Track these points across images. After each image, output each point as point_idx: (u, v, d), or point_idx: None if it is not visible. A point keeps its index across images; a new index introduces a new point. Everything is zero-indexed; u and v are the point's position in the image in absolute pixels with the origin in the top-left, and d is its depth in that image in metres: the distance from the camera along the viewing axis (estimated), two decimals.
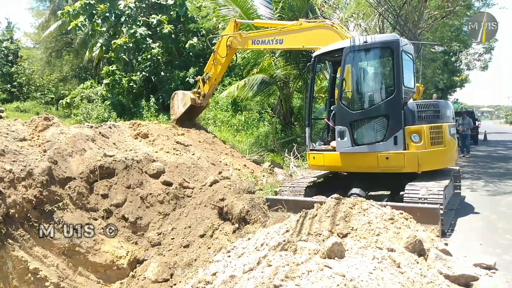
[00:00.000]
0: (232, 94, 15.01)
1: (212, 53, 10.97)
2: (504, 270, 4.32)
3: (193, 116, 12.22)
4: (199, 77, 11.82)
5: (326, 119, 7.94)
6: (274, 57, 15.42)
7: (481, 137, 23.91)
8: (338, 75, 7.84)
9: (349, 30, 10.39)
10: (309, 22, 9.14)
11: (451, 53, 31.43)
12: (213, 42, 12.44)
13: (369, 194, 7.42)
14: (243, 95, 15.30)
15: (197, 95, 11.41)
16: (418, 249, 3.99)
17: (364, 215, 4.45)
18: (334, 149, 7.08)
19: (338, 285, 2.80)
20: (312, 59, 7.66)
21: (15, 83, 32.02)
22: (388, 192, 7.65)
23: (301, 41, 8.86)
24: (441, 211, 5.28)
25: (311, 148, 7.57)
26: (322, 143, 7.77)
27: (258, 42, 9.84)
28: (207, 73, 11.21)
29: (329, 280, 2.86)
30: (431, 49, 21.06)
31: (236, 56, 12.09)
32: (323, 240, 3.97)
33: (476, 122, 22.77)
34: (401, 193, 6.52)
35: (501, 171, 11.78)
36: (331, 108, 7.76)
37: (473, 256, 4.56)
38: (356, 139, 6.76)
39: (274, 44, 9.64)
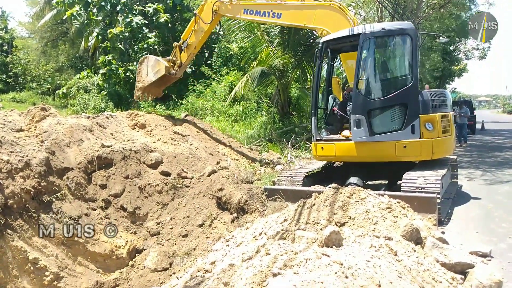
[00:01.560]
0: (239, 93, 14.86)
1: (193, 17, 9.81)
2: (500, 258, 4.38)
3: (161, 86, 11.14)
4: (175, 43, 10.52)
5: (334, 108, 7.75)
6: (271, 47, 15.32)
7: (478, 126, 23.98)
8: (336, 64, 7.77)
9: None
10: None
11: (450, 42, 31.31)
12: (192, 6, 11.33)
13: (366, 183, 7.45)
14: (247, 90, 15.23)
15: (172, 64, 10.26)
16: (415, 238, 4.03)
17: (361, 204, 4.48)
18: (347, 139, 6.93)
19: (336, 273, 2.83)
20: (320, 44, 7.31)
21: (11, 73, 31.72)
22: (386, 182, 7.70)
23: (303, 18, 8.18)
24: (438, 200, 5.32)
25: (318, 138, 7.32)
26: (328, 133, 7.55)
27: (252, 12, 8.86)
28: (185, 41, 10.07)
29: (327, 268, 2.88)
30: (436, 40, 20.98)
31: (220, 24, 10.84)
32: (321, 229, 3.99)
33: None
34: (399, 182, 6.56)
35: (498, 160, 11.85)
36: (330, 97, 7.72)
37: (469, 244, 4.62)
38: (373, 128, 6.63)
39: (270, 18, 8.69)
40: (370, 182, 7.73)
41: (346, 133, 7.09)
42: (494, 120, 38.41)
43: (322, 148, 7.23)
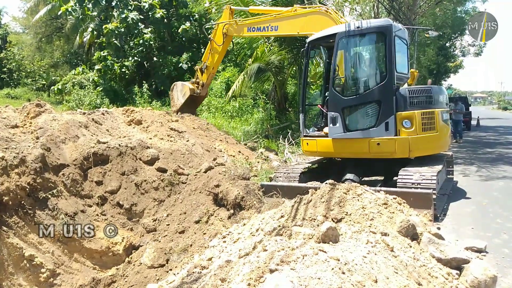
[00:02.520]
0: (237, 92, 14.92)
1: (209, 42, 10.94)
2: (494, 253, 4.42)
3: (193, 106, 12.27)
4: (197, 66, 11.80)
5: (319, 105, 7.95)
6: (267, 43, 15.28)
7: (474, 122, 24.10)
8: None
9: (344, 15, 10.27)
10: (304, 8, 9.04)
11: (445, 38, 31.40)
12: (209, 31, 12.43)
13: (362, 179, 7.48)
14: (244, 88, 15.27)
15: (196, 85, 11.46)
16: (411, 233, 4.05)
17: (358, 200, 4.50)
18: (327, 135, 7.12)
19: (332, 269, 2.84)
20: (306, 45, 7.63)
21: (5, 69, 31.43)
22: (382, 178, 7.73)
23: (296, 27, 8.79)
24: (434, 196, 5.35)
25: (304, 134, 7.63)
26: (316, 129, 7.81)
27: (253, 29, 9.77)
28: (204, 63, 11.18)
29: (324, 264, 2.89)
30: (425, 34, 21.07)
31: (232, 43, 12.24)
32: (318, 225, 4.01)
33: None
34: (395, 178, 6.59)
35: (493, 156, 11.92)
36: (326, 94, 7.74)
37: (465, 240, 4.65)
38: (348, 125, 6.81)
39: (269, 31, 9.55)
40: (366, 178, 7.76)
41: (326, 129, 7.24)
42: (489, 116, 38.61)
43: (307, 143, 7.53)
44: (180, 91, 11.64)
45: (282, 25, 9.09)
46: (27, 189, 5.76)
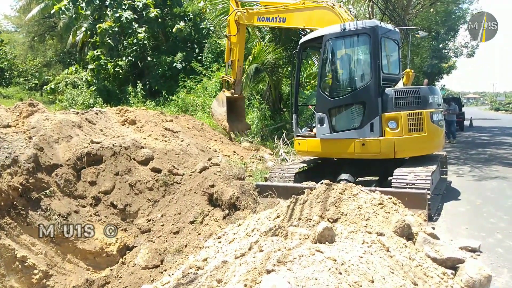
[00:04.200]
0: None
1: (227, 40, 10.94)
2: (488, 252, 4.45)
3: (238, 112, 11.73)
4: (222, 76, 11.76)
5: (310, 106, 8.05)
6: (262, 42, 15.27)
7: (467, 123, 24.31)
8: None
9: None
10: (313, 0, 8.74)
11: (439, 39, 31.61)
12: (224, 30, 12.30)
13: (357, 179, 7.50)
14: (246, 89, 15.27)
15: (227, 89, 11.23)
16: (407, 233, 4.06)
17: (354, 200, 4.50)
18: (315, 135, 7.27)
19: (329, 269, 2.83)
20: (298, 46, 7.71)
21: None
22: (376, 178, 7.75)
23: (302, 20, 8.73)
24: (428, 196, 5.37)
25: (297, 134, 7.77)
26: (308, 129, 7.95)
27: (263, 19, 9.81)
28: (228, 63, 11.08)
29: (321, 264, 2.88)
30: (415, 35, 21.18)
31: (248, 32, 11.76)
32: (314, 225, 4.00)
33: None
34: (389, 178, 6.60)
35: (486, 156, 12.02)
36: None
37: (459, 240, 4.68)
38: (334, 126, 6.93)
39: (277, 23, 9.52)
40: (361, 178, 7.78)
41: (315, 130, 7.36)
42: (482, 117, 38.99)
43: (299, 143, 7.68)
44: (217, 105, 11.18)
45: (290, 17, 9.07)
46: (19, 190, 5.68)
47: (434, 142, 7.04)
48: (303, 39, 7.68)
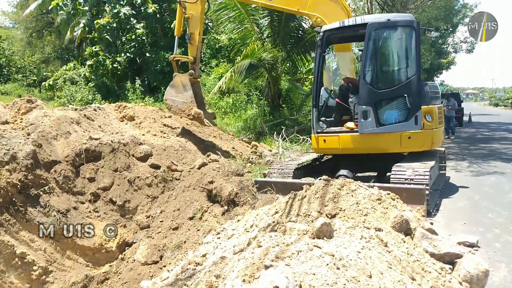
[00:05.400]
0: (222, 88, 14.66)
1: (179, 8, 8.73)
2: (486, 248, 4.47)
3: (196, 100, 9.28)
4: (173, 56, 9.31)
5: (337, 99, 7.66)
6: (261, 39, 15.22)
7: (466, 118, 24.32)
8: (333, 54, 7.73)
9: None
10: None
11: (439, 35, 31.55)
12: None
13: (356, 175, 7.50)
14: (232, 84, 15.04)
15: (182, 71, 9.25)
16: (405, 229, 4.07)
17: (352, 196, 4.50)
18: (352, 130, 6.88)
19: (327, 264, 2.84)
20: (322, 33, 7.11)
21: None
22: (375, 174, 7.76)
23: (296, 3, 7.94)
24: (427, 192, 5.38)
25: (319, 130, 7.19)
26: (326, 125, 7.41)
27: None
28: (187, 38, 8.92)
29: (319, 259, 2.89)
30: (426, 34, 21.08)
31: (208, 2, 9.45)
32: (312, 221, 4.00)
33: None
34: (388, 174, 6.61)
35: (484, 152, 12.04)
36: (322, 89, 7.60)
37: (457, 235, 4.70)
38: (379, 119, 6.66)
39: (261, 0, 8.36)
40: (359, 174, 7.79)
41: (350, 124, 7.02)
42: (481, 112, 39.01)
43: (324, 140, 7.10)
44: (175, 91, 8.94)
45: None
46: (18, 186, 5.68)
47: (442, 136, 7.49)
48: (330, 26, 7.11)
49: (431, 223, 4.90)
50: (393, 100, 6.71)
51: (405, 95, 6.60)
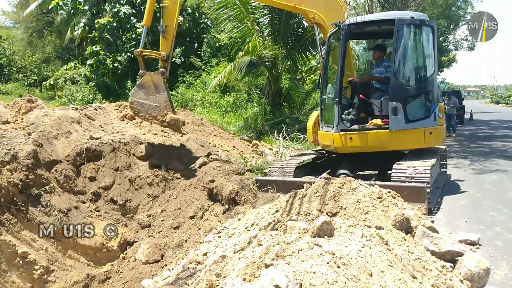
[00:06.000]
0: (221, 82, 14.61)
1: None
2: (488, 246, 4.46)
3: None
4: (140, 51, 7.91)
5: (362, 96, 7.49)
6: (261, 37, 15.20)
7: (467, 116, 24.28)
8: (327, 52, 7.64)
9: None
10: None
11: (439, 32, 31.46)
12: None
13: (357, 173, 7.49)
14: (232, 79, 14.99)
15: (155, 70, 7.85)
16: (406, 227, 4.07)
17: (353, 194, 4.50)
18: (381, 127, 6.77)
19: (328, 263, 2.84)
20: (346, 27, 6.90)
21: None
22: (376, 172, 7.74)
23: None
24: (428, 190, 5.37)
25: (343, 128, 6.89)
26: (348, 123, 7.06)
27: None
28: (149, 27, 8.03)
29: (319, 258, 2.89)
30: None
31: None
32: (313, 219, 4.01)
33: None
34: (389, 172, 6.60)
35: (486, 150, 12.01)
36: (352, 84, 7.49)
37: (458, 233, 4.68)
38: (408, 116, 6.66)
39: None
40: (360, 173, 7.78)
41: (377, 121, 6.92)
42: (482, 110, 38.94)
43: (350, 138, 6.85)
44: (146, 92, 7.46)
45: None
46: (19, 186, 5.69)
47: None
48: (351, 20, 6.97)
49: (432, 221, 4.89)
50: (417, 96, 6.80)
51: (427, 91, 6.75)
